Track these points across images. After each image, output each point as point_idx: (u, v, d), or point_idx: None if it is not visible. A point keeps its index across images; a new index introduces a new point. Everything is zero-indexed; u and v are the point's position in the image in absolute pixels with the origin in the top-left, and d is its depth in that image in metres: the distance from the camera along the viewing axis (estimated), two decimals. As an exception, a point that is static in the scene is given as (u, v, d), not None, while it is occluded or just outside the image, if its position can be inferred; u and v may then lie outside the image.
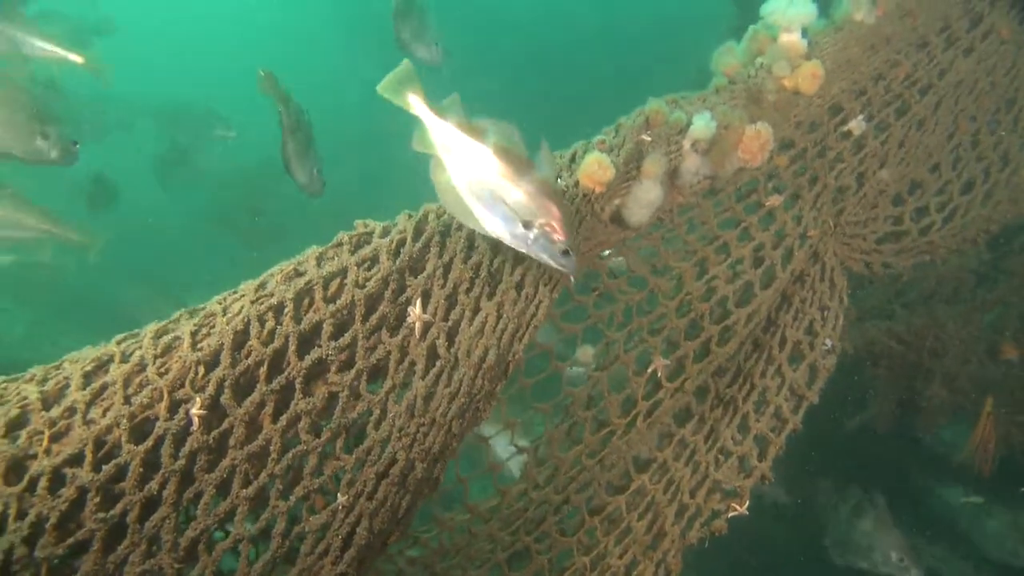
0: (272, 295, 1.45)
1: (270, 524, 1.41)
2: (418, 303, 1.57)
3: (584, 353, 2.29)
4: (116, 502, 1.27)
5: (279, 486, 1.42)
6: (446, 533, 2.15)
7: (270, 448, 1.40)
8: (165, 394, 1.32)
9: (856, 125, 2.49)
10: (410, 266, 1.59)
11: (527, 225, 1.37)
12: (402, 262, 1.56)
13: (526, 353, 1.86)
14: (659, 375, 2.23)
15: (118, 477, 1.27)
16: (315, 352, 1.44)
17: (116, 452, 1.28)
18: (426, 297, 1.59)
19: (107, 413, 1.29)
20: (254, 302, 1.43)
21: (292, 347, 1.42)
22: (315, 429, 1.46)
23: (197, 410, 1.33)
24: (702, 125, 2.06)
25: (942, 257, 2.80)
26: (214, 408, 1.36)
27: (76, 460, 1.25)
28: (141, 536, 1.29)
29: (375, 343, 1.54)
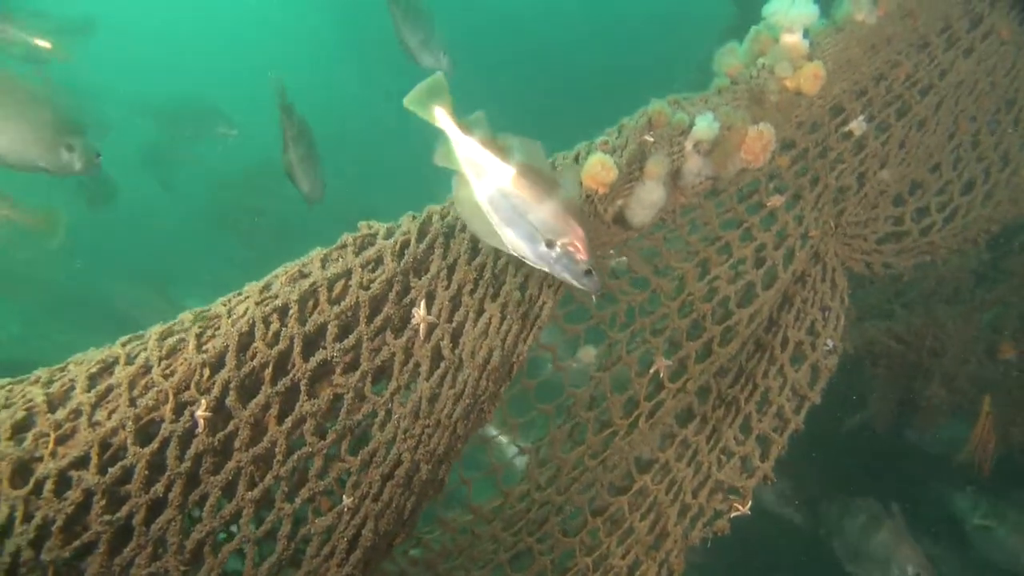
0: (277, 297, 1.44)
1: (275, 526, 1.42)
2: (422, 304, 1.57)
3: (586, 354, 2.29)
4: (122, 504, 1.27)
5: (284, 488, 1.42)
6: (449, 534, 2.16)
7: (275, 450, 1.40)
8: (170, 396, 1.32)
9: (857, 126, 2.50)
10: (414, 268, 1.59)
11: (550, 244, 1.36)
12: (406, 264, 1.56)
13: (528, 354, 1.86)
14: (661, 376, 2.23)
15: (124, 479, 1.27)
16: (320, 354, 1.44)
17: (122, 454, 1.28)
18: (430, 298, 1.59)
19: (112, 415, 1.29)
20: (259, 304, 1.43)
21: (297, 349, 1.42)
22: (320, 431, 1.46)
23: (202, 412, 1.33)
24: (705, 126, 2.06)
25: (943, 257, 2.81)
26: (219, 410, 1.36)
27: (82, 462, 1.25)
28: (147, 538, 1.29)
29: (380, 345, 1.54)
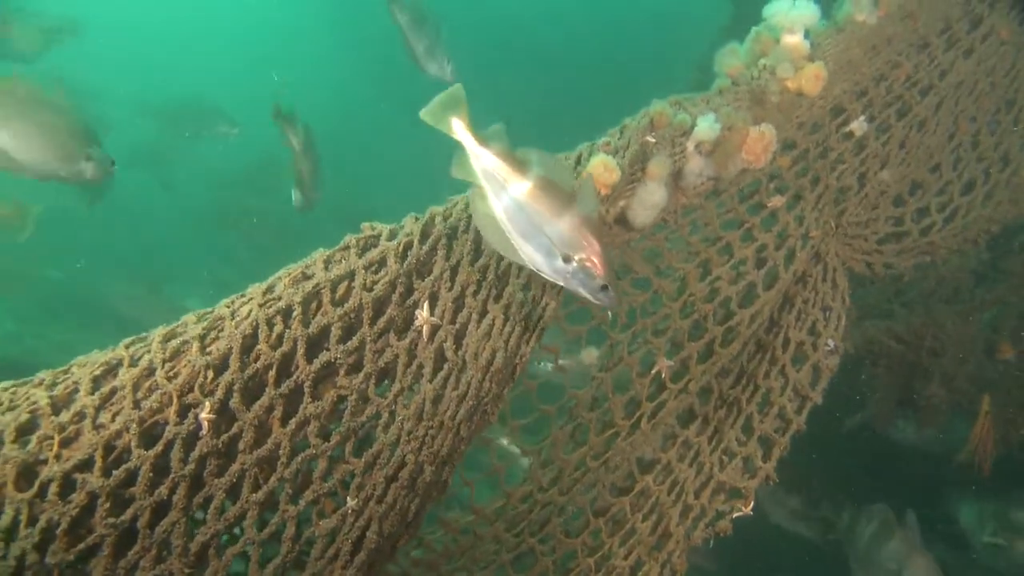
0: (280, 299, 1.44)
1: (280, 528, 1.41)
2: (425, 306, 1.57)
3: (588, 355, 2.29)
4: (126, 507, 1.27)
5: (288, 490, 1.42)
6: (451, 535, 2.16)
7: (279, 452, 1.40)
8: (174, 398, 1.32)
9: (858, 126, 2.50)
10: (417, 269, 1.59)
11: (567, 259, 1.35)
12: (409, 265, 1.56)
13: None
14: (663, 376, 2.23)
15: (128, 482, 1.27)
16: (323, 356, 1.44)
17: (126, 457, 1.27)
18: (433, 300, 1.59)
19: (117, 418, 1.29)
20: (262, 306, 1.43)
21: (301, 351, 1.42)
22: (324, 433, 1.46)
23: (206, 414, 1.33)
24: (706, 127, 2.06)
25: (943, 257, 2.82)
26: (223, 412, 1.36)
27: (86, 465, 1.25)
28: (152, 541, 1.29)
29: (383, 346, 1.54)
